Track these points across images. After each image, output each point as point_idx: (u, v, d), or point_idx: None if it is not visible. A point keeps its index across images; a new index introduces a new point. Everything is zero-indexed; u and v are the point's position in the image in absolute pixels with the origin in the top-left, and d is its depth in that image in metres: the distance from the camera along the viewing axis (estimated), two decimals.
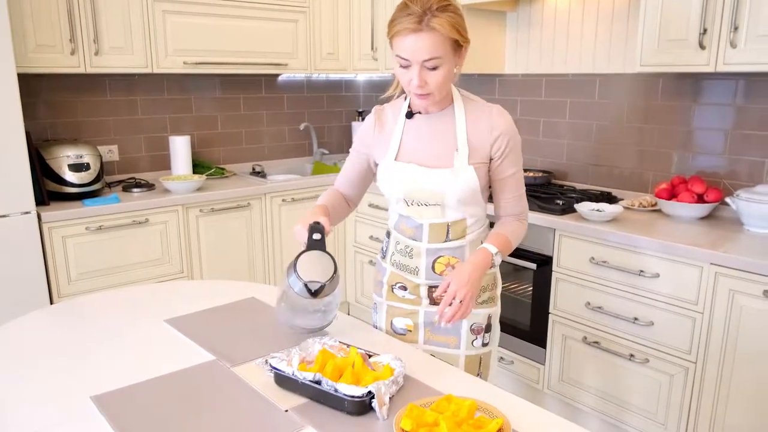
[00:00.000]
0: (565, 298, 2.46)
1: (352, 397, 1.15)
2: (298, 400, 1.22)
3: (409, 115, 1.54)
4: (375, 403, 1.15)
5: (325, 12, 3.51)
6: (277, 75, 3.75)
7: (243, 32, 3.20)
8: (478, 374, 1.62)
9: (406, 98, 1.58)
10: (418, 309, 1.62)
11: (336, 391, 1.17)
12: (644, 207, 2.58)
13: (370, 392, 1.15)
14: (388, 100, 1.63)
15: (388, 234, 1.69)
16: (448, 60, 1.39)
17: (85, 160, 2.78)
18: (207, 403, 1.21)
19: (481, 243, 1.53)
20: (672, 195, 2.45)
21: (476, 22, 3.05)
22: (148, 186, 3.01)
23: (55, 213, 2.54)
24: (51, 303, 2.58)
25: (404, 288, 1.63)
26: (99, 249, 2.68)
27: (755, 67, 2.04)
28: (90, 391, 1.26)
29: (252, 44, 3.25)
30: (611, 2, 2.75)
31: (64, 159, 2.73)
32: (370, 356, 1.33)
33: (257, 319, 1.64)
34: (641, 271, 2.18)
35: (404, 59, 1.39)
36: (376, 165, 1.62)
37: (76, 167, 2.74)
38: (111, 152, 3.20)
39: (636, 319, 2.23)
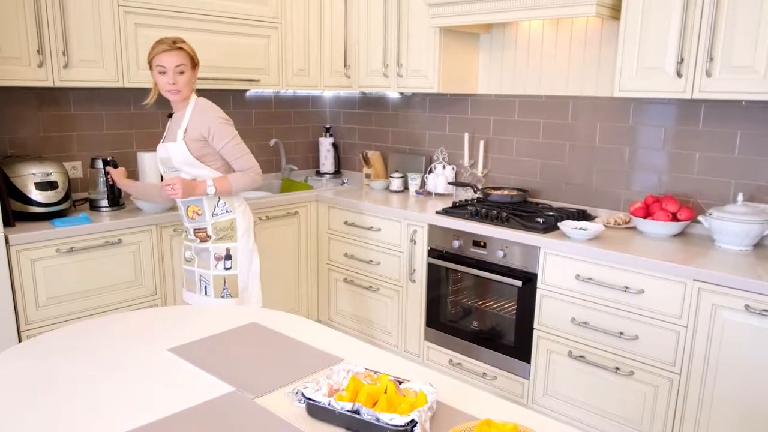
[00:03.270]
0: (550, 314, 2.52)
1: (396, 426, 1.13)
2: (334, 431, 1.20)
3: (170, 115, 2.48)
4: (418, 431, 1.14)
5: (296, 28, 3.48)
6: (246, 90, 3.69)
7: (216, 47, 3.14)
8: (223, 289, 2.46)
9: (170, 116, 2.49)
10: (190, 244, 2.51)
11: (378, 420, 1.15)
12: (619, 224, 2.68)
13: (413, 421, 1.14)
14: (146, 106, 2.65)
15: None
16: (189, 69, 2.33)
17: (53, 178, 2.64)
18: None
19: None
20: (647, 213, 2.56)
21: (450, 44, 3.10)
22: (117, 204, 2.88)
23: (23, 235, 2.40)
24: (18, 330, 2.43)
25: (185, 231, 2.55)
26: (69, 272, 2.55)
27: (730, 95, 2.17)
28: None
29: (224, 59, 3.19)
30: (584, 28, 2.86)
31: (30, 177, 2.58)
32: (400, 382, 1.32)
33: (266, 346, 1.59)
34: (626, 287, 2.27)
35: (163, 67, 2.28)
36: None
37: (43, 186, 2.60)
38: (75, 169, 3.05)
39: (621, 333, 2.30)
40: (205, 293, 2.47)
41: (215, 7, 3.09)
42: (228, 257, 2.44)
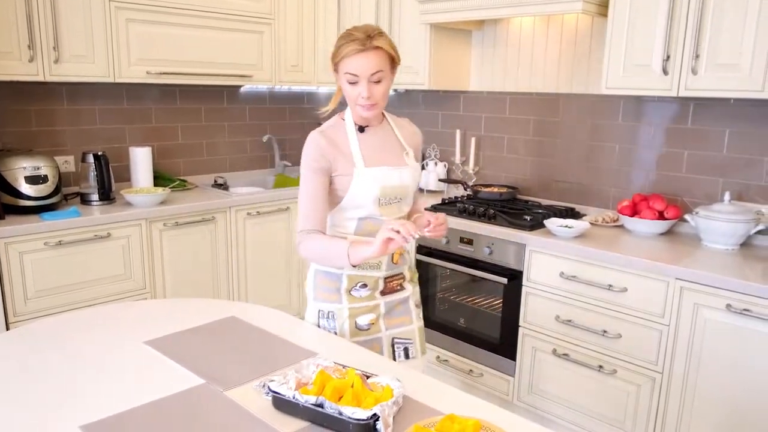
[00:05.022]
0: (535, 311, 2.52)
1: (358, 420, 1.14)
2: (299, 425, 1.20)
3: (361, 129, 1.73)
4: (380, 426, 1.14)
5: (290, 24, 3.49)
6: (240, 86, 3.70)
7: (208, 43, 3.15)
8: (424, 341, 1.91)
9: (343, 119, 1.73)
10: (378, 302, 1.79)
11: (340, 414, 1.16)
12: (607, 223, 2.68)
13: (375, 414, 1.15)
14: (323, 114, 1.83)
15: None
16: (388, 74, 1.64)
17: (43, 172, 2.66)
18: (203, 429, 1.18)
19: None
20: (634, 212, 2.56)
21: (442, 40, 3.10)
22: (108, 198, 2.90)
23: (11, 228, 2.42)
24: (6, 322, 2.45)
25: (365, 286, 1.76)
26: (58, 265, 2.56)
27: (714, 93, 2.16)
28: (78, 421, 1.20)
29: (217, 55, 3.20)
30: (574, 25, 2.85)
31: (20, 171, 2.60)
32: (368, 377, 1.32)
33: (242, 340, 1.60)
34: (610, 285, 2.27)
35: (354, 75, 1.60)
36: (331, 183, 1.71)
37: (33, 179, 2.62)
38: (67, 163, 3.07)
39: (605, 331, 2.30)
40: (407, 356, 1.83)
41: (207, 2, 3.10)
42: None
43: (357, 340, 1.76)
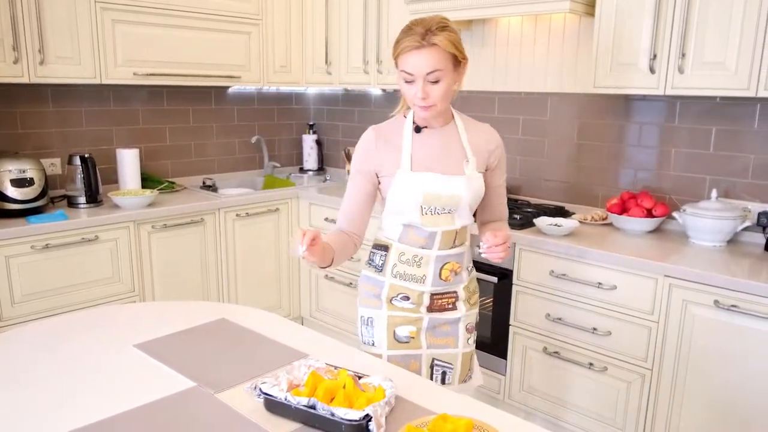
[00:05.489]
0: (525, 310, 2.53)
1: (350, 421, 1.14)
2: (291, 426, 1.20)
3: (418, 129, 1.64)
4: (372, 426, 1.14)
5: (278, 25, 3.48)
6: (228, 87, 3.68)
7: (195, 44, 3.13)
8: (469, 369, 1.78)
9: (405, 116, 1.66)
10: (421, 316, 1.69)
11: (332, 415, 1.15)
12: (596, 221, 2.69)
13: (367, 415, 1.15)
14: (391, 116, 1.73)
15: (385, 248, 1.70)
16: (448, 74, 1.51)
17: (29, 174, 2.63)
18: None
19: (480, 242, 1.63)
20: (623, 210, 2.58)
21: None
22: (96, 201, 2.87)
23: None
24: None
25: (407, 298, 1.68)
26: (45, 268, 2.54)
27: (701, 91, 2.18)
28: (67, 426, 1.18)
29: (204, 56, 3.18)
30: (562, 24, 2.87)
31: (6, 174, 2.57)
32: (359, 377, 1.32)
33: (233, 342, 1.59)
34: (599, 283, 2.28)
35: (409, 74, 1.51)
36: (379, 183, 1.67)
37: (19, 182, 2.59)
38: (53, 165, 3.03)
39: (595, 329, 2.32)
40: (443, 381, 1.73)
41: (194, 3, 3.08)
42: (476, 327, 1.83)
43: (395, 354, 1.67)
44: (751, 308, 1.95)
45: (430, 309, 1.69)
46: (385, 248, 1.70)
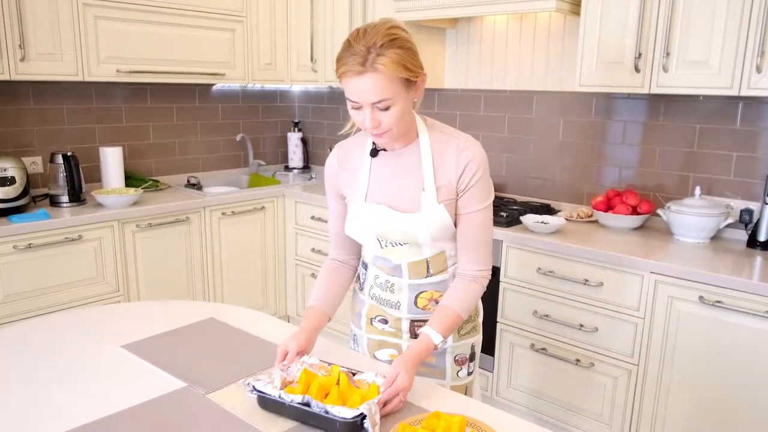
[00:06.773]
0: (512, 307, 2.54)
1: (345, 419, 1.14)
2: (286, 424, 1.19)
3: (374, 153, 1.44)
4: (367, 424, 1.14)
5: (262, 22, 3.45)
6: (212, 85, 3.65)
7: (179, 41, 3.09)
8: None
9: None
10: (400, 342, 1.54)
11: (327, 413, 1.15)
12: (581, 218, 2.71)
13: (362, 413, 1.14)
14: (346, 136, 1.54)
15: (366, 266, 1.57)
16: (399, 99, 1.28)
17: (9, 173, 2.58)
18: None
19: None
20: (608, 207, 2.60)
21: (416, 38, 3.06)
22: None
23: None
24: None
25: (385, 321, 1.55)
26: (28, 269, 2.49)
27: (686, 90, 2.21)
28: (55, 429, 1.17)
29: (189, 53, 3.15)
30: (547, 22, 2.88)
31: None
32: (353, 374, 1.32)
33: (222, 341, 1.58)
34: (586, 280, 2.30)
35: (354, 102, 1.29)
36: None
37: (0, 181, 2.54)
38: (35, 164, 2.98)
39: (581, 325, 2.34)
40: None
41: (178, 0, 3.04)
42: (472, 357, 1.58)
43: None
44: (735, 304, 1.98)
45: (413, 335, 1.51)
46: (365, 266, 1.57)
